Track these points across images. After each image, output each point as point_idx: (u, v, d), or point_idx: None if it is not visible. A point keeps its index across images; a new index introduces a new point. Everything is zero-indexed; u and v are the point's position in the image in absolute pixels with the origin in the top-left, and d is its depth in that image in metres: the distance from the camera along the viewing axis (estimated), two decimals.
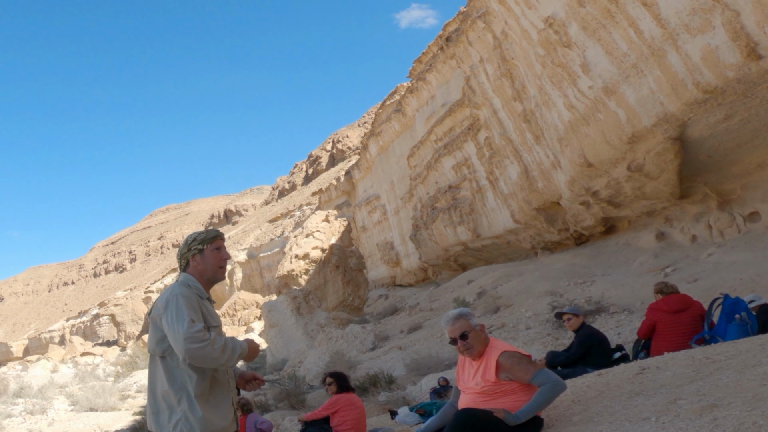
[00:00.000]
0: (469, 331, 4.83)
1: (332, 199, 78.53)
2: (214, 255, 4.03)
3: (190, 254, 4.04)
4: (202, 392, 3.70)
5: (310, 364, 22.52)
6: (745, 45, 12.91)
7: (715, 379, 4.72)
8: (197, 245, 4.03)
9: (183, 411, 3.68)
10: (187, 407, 3.67)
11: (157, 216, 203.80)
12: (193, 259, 4.03)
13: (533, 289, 22.63)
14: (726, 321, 7.41)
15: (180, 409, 3.69)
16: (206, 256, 4.02)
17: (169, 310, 3.72)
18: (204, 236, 4.05)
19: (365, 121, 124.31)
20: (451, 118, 35.56)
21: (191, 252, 4.03)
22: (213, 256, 4.03)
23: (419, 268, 47.78)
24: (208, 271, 4.02)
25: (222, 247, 4.09)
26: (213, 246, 4.04)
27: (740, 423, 3.58)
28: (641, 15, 15.27)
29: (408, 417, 10.04)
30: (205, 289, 4.01)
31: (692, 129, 16.18)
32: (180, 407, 3.69)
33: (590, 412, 4.82)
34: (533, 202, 27.71)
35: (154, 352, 3.81)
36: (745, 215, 18.80)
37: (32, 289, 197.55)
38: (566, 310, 8.70)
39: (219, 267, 4.04)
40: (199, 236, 4.06)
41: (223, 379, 3.86)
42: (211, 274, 4.03)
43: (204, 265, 4.01)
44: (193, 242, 4.04)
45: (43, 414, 27.22)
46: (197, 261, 4.02)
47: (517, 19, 22.38)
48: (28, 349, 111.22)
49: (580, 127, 19.92)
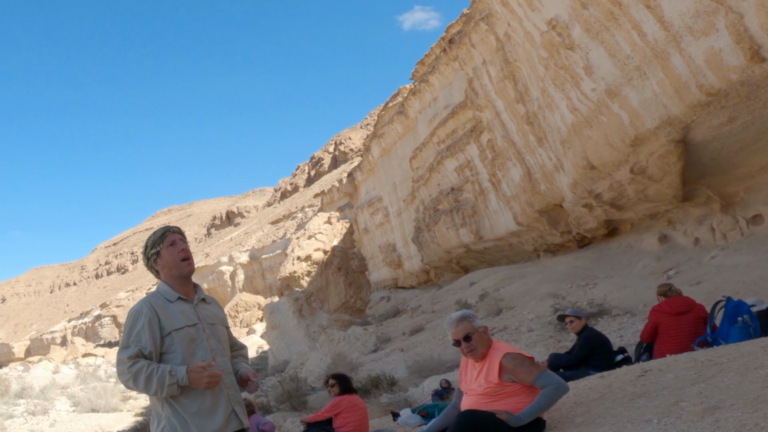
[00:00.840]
0: (472, 333, 4.83)
1: (334, 200, 78.54)
2: (169, 252, 3.93)
3: (151, 262, 3.98)
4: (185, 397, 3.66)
5: (311, 365, 22.54)
6: (749, 47, 12.89)
7: (717, 382, 4.72)
8: (151, 250, 3.96)
9: (167, 417, 3.67)
10: (171, 413, 3.66)
11: (159, 217, 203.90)
12: (157, 264, 3.97)
13: (535, 291, 22.61)
14: (728, 323, 7.40)
15: (164, 414, 3.68)
16: (164, 257, 3.93)
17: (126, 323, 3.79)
18: (153, 238, 3.96)
19: (368, 123, 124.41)
20: (453, 120, 35.55)
21: (151, 260, 3.97)
22: (169, 253, 3.93)
23: (421, 270, 47.73)
24: (172, 269, 3.93)
25: (176, 241, 3.96)
26: (166, 243, 3.94)
27: (742, 425, 3.58)
28: (644, 17, 15.26)
29: (410, 419, 10.05)
30: (179, 287, 3.92)
31: (695, 132, 16.16)
32: (164, 413, 3.68)
33: (592, 414, 4.82)
34: (536, 204, 27.69)
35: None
36: (748, 218, 18.77)
37: (34, 289, 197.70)
38: (568, 313, 8.71)
39: (181, 260, 3.93)
40: (149, 240, 3.98)
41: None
42: (175, 271, 3.93)
43: (166, 266, 3.93)
44: (147, 249, 3.98)
45: (44, 415, 27.26)
46: (160, 264, 3.95)
47: (520, 21, 22.37)
48: (29, 349, 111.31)
49: (583, 129, 19.90)
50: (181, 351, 3.73)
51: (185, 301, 3.90)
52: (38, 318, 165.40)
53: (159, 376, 3.57)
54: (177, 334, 3.74)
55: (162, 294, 3.88)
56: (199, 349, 3.80)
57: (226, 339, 4.09)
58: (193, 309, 3.90)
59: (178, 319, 3.78)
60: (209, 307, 4.05)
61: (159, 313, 3.75)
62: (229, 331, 4.19)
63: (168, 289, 3.90)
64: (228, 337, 4.13)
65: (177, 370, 3.59)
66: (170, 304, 3.83)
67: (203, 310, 3.97)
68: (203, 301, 4.02)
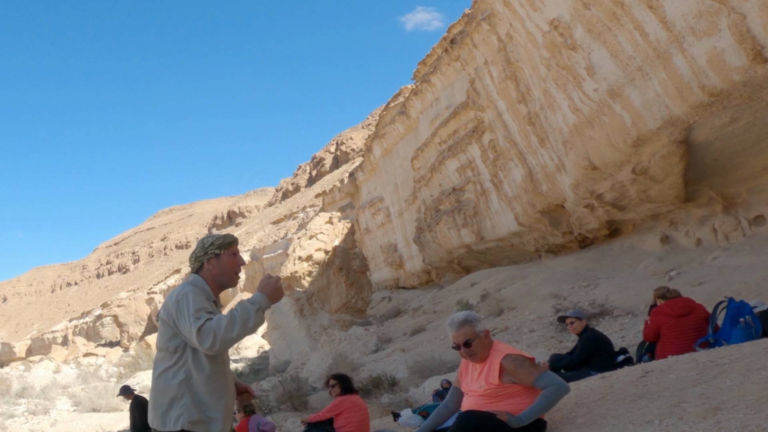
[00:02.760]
0: (473, 339, 4.81)
1: (336, 201, 78.49)
2: (230, 260, 4.00)
3: (206, 257, 3.99)
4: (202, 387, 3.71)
5: (313, 365, 22.52)
6: (751, 48, 12.88)
7: (719, 383, 4.70)
8: (214, 249, 3.99)
9: (185, 405, 3.68)
10: (190, 401, 3.69)
11: (161, 217, 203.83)
12: (209, 263, 3.98)
13: (537, 292, 22.59)
14: (730, 324, 7.38)
15: (182, 403, 3.69)
16: (222, 261, 3.98)
17: (180, 309, 3.73)
18: (222, 241, 4.01)
19: (369, 123, 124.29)
20: (455, 120, 35.55)
21: (207, 255, 3.99)
22: (229, 261, 3.99)
23: (423, 271, 47.74)
24: (222, 276, 3.98)
25: (237, 253, 4.05)
26: (230, 251, 4.01)
27: (744, 426, 3.57)
28: (647, 18, 15.25)
29: (411, 419, 10.01)
30: (215, 292, 3.97)
31: (698, 132, 16.15)
32: (183, 401, 3.69)
33: (594, 414, 4.81)
34: (537, 204, 27.68)
35: (164, 349, 3.81)
36: (751, 219, 18.75)
37: (35, 289, 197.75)
38: (569, 314, 8.69)
39: (234, 273, 4.01)
40: (217, 240, 4.02)
41: (217, 380, 3.81)
42: (225, 279, 4.00)
43: (219, 270, 3.97)
44: (210, 246, 4.00)
45: (45, 414, 27.26)
46: (212, 265, 3.98)
47: (522, 21, 22.37)
48: (30, 349, 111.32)
49: (585, 130, 19.88)
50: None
51: (216, 305, 3.97)
52: (39, 317, 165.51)
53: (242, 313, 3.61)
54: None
55: (203, 289, 3.89)
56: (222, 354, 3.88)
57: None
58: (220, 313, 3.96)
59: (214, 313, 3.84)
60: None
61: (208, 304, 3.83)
62: None
63: (207, 288, 3.92)
64: None
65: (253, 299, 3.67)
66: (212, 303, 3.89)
67: None
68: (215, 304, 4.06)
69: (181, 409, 3.68)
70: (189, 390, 3.70)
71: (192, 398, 3.69)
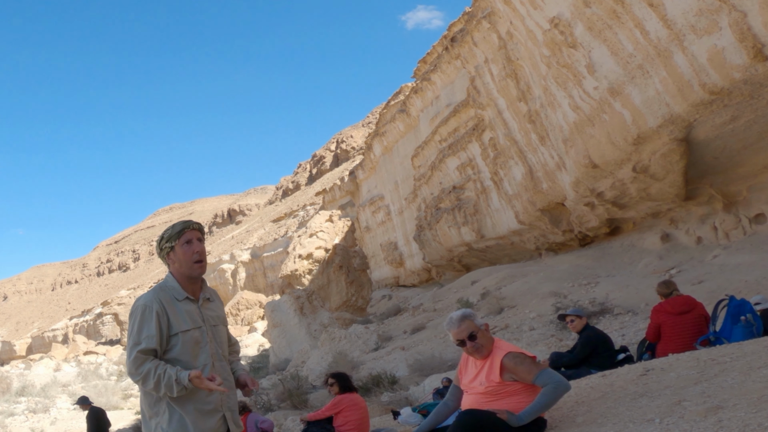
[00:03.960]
0: (476, 332, 4.80)
1: (336, 199, 78.48)
2: (184, 250, 3.80)
3: (164, 254, 3.88)
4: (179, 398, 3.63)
5: (313, 364, 22.52)
6: (752, 46, 12.86)
7: (720, 381, 4.69)
8: (166, 243, 3.85)
9: (162, 414, 3.65)
10: (166, 410, 3.65)
11: (161, 215, 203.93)
12: (169, 258, 3.86)
13: (537, 290, 22.58)
14: (731, 322, 7.37)
15: (160, 411, 3.66)
16: (178, 253, 3.82)
17: (130, 322, 3.72)
18: (170, 232, 3.84)
19: (369, 121, 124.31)
20: (455, 118, 35.52)
21: (164, 251, 3.87)
22: (184, 252, 3.80)
23: (423, 269, 47.73)
24: (183, 267, 3.82)
25: (193, 240, 3.83)
26: (182, 240, 3.82)
27: (745, 425, 3.55)
28: (647, 16, 15.22)
29: (411, 417, 10.02)
30: (187, 285, 3.84)
31: (698, 130, 16.12)
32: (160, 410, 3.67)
33: (594, 413, 4.79)
34: (538, 203, 27.65)
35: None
36: (751, 217, 18.72)
37: (36, 287, 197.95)
38: (569, 312, 8.67)
39: (193, 262, 3.80)
40: (167, 232, 3.86)
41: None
42: (186, 271, 3.82)
43: (178, 263, 3.82)
44: (162, 241, 3.86)
45: (45, 413, 27.31)
46: (172, 259, 3.84)
47: (523, 19, 22.33)
48: (31, 347, 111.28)
49: (585, 128, 19.86)
50: (184, 352, 3.70)
51: (192, 301, 3.83)
52: (40, 316, 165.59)
53: (166, 381, 3.53)
54: (183, 336, 3.71)
55: (170, 290, 3.80)
56: (202, 352, 3.77)
57: (226, 341, 4.05)
58: (198, 310, 3.85)
59: (185, 321, 3.74)
60: (213, 306, 3.99)
61: (168, 310, 3.70)
62: (226, 328, 4.14)
63: (176, 286, 3.82)
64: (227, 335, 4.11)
65: (181, 377, 3.53)
66: (178, 303, 3.77)
67: (208, 311, 3.92)
68: (207, 300, 3.95)
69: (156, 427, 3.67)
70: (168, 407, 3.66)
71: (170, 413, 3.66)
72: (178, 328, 3.70)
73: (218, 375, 3.71)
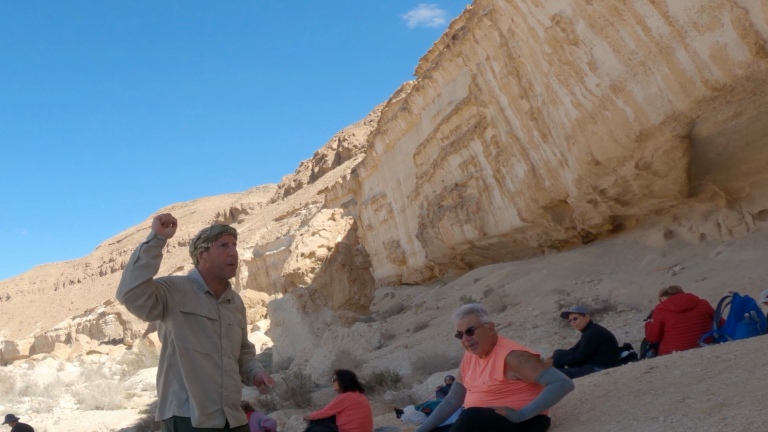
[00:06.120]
0: (476, 328, 4.78)
1: (338, 197, 78.54)
2: (220, 252, 3.99)
3: (197, 252, 4.05)
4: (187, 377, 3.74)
5: (315, 362, 22.52)
6: (754, 42, 12.84)
7: (724, 378, 4.67)
8: (202, 243, 4.02)
9: (174, 392, 3.75)
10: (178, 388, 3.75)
11: None
12: (201, 257, 4.04)
13: (540, 287, 22.55)
14: (735, 319, 7.35)
15: (171, 390, 3.77)
16: (212, 254, 4.00)
17: None
18: (209, 233, 4.03)
19: (371, 119, 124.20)
20: (457, 116, 35.51)
21: (198, 250, 4.05)
22: (219, 253, 3.99)
23: (425, 267, 47.74)
24: (215, 268, 3.99)
25: (229, 243, 4.04)
26: (219, 243, 4.00)
27: (750, 422, 3.54)
28: (649, 12, 15.20)
29: (414, 416, 10.01)
30: (211, 284, 4.01)
31: (701, 127, 16.10)
32: (171, 389, 3.77)
33: (598, 411, 4.78)
34: (540, 200, 27.64)
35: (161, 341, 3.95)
36: (754, 213, 18.69)
37: (38, 287, 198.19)
38: (572, 310, 8.65)
39: (227, 264, 4.00)
40: (204, 233, 4.04)
41: (206, 370, 3.81)
42: (218, 272, 4.00)
43: (211, 263, 4.00)
44: (198, 240, 4.05)
45: (49, 412, 27.32)
46: (204, 259, 4.02)
47: (524, 16, 22.30)
48: (34, 347, 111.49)
49: (588, 125, 19.84)
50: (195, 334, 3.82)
51: (211, 296, 3.98)
52: (43, 315, 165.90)
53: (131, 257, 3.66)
54: (195, 319, 3.85)
55: (194, 281, 3.99)
56: (209, 341, 3.88)
57: (239, 341, 4.17)
58: (216, 306, 3.99)
59: (203, 306, 3.90)
60: (232, 308, 4.13)
61: (187, 290, 3.88)
62: (244, 332, 4.27)
63: (200, 280, 4.00)
64: (241, 338, 4.21)
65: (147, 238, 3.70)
66: (199, 293, 3.93)
67: (225, 310, 4.05)
68: (228, 302, 4.09)
69: (172, 396, 3.75)
70: (175, 377, 3.77)
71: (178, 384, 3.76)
72: (193, 309, 3.86)
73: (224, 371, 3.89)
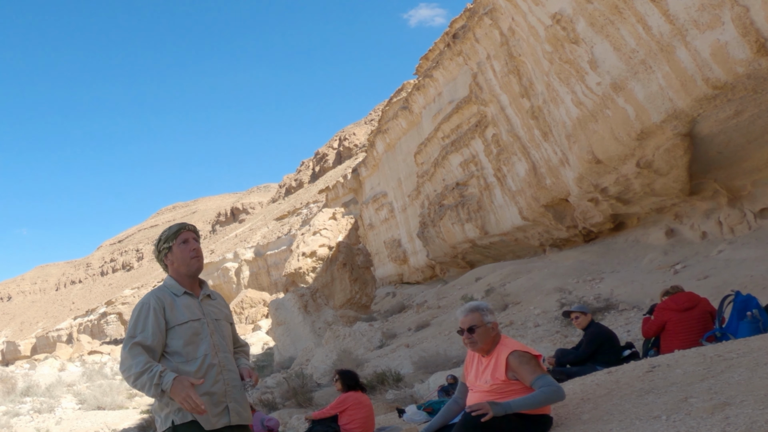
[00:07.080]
0: (478, 326, 4.78)
1: (339, 196, 78.54)
2: (182, 249, 4.00)
3: (162, 256, 4.07)
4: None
5: (317, 362, 22.54)
6: (755, 40, 12.82)
7: (726, 377, 4.66)
8: (164, 245, 4.05)
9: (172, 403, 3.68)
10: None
11: (164, 214, 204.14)
12: (167, 259, 4.05)
13: (542, 286, 22.55)
14: (737, 318, 7.34)
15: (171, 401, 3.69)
16: (175, 253, 4.01)
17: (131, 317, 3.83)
18: (168, 233, 4.05)
19: (372, 118, 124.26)
20: (458, 115, 35.49)
21: (162, 253, 4.06)
22: (181, 250, 4.00)
23: (427, 266, 47.74)
24: (181, 266, 4.00)
25: (190, 239, 4.04)
26: (179, 240, 4.02)
27: (753, 421, 3.53)
28: (649, 11, 15.18)
29: (416, 415, 10.00)
30: (186, 284, 4.00)
31: (702, 125, 16.08)
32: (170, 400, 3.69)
33: (600, 410, 4.77)
34: (541, 199, 27.61)
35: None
36: (756, 211, 18.68)
37: (40, 287, 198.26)
38: (574, 309, 8.66)
39: (191, 258, 4.00)
40: (163, 235, 4.07)
41: (205, 373, 3.79)
42: (185, 269, 4.01)
43: (177, 262, 4.01)
44: (159, 243, 4.07)
45: (50, 412, 27.35)
46: (170, 259, 4.03)
47: (524, 15, 22.27)
48: (35, 347, 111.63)
49: (588, 123, 19.83)
50: (183, 344, 3.78)
51: (191, 296, 3.97)
52: (44, 316, 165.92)
53: (150, 376, 3.56)
54: (180, 329, 3.80)
55: (168, 288, 3.96)
56: (202, 343, 3.83)
57: (230, 335, 4.13)
58: (198, 304, 3.97)
59: (182, 314, 3.85)
60: (214, 303, 4.10)
61: (166, 307, 3.82)
62: (233, 327, 4.23)
63: (174, 284, 3.98)
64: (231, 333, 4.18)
65: (165, 377, 3.57)
66: (176, 298, 3.90)
67: (208, 306, 4.02)
68: (208, 297, 4.07)
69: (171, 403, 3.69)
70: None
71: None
72: (175, 321, 3.81)
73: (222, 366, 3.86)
